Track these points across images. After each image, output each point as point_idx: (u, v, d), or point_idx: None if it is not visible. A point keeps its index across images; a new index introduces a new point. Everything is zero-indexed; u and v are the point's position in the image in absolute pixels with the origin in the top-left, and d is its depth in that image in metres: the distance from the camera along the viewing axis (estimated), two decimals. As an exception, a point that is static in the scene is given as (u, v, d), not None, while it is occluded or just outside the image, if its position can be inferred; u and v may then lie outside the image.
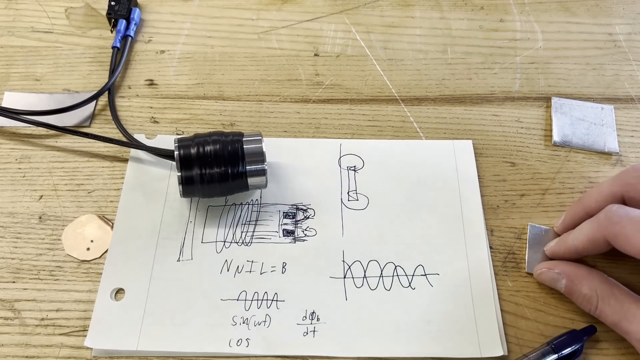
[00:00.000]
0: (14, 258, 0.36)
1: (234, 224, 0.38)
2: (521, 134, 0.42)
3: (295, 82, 0.45)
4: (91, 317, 0.34)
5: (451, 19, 0.49)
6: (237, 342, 0.33)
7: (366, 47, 0.47)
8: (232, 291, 0.35)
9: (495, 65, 0.46)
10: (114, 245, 0.36)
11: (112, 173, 0.40)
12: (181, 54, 0.47)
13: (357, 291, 0.35)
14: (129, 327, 0.33)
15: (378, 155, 0.41)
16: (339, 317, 0.34)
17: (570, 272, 0.33)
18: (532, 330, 0.34)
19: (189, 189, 0.35)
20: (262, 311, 0.34)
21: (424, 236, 0.37)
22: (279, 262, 0.36)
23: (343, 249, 0.37)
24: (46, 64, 0.46)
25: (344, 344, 0.33)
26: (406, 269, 0.36)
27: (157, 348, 0.33)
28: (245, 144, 0.35)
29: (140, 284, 0.35)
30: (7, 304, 0.34)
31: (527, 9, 0.50)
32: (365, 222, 0.38)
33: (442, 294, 0.35)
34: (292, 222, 0.38)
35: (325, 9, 0.50)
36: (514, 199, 0.39)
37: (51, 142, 0.41)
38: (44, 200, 0.38)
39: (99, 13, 0.49)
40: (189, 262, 0.36)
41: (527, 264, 0.36)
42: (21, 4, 0.49)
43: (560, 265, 0.34)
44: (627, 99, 0.44)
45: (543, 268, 0.35)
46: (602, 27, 0.49)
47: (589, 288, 0.32)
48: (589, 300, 0.32)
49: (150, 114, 0.43)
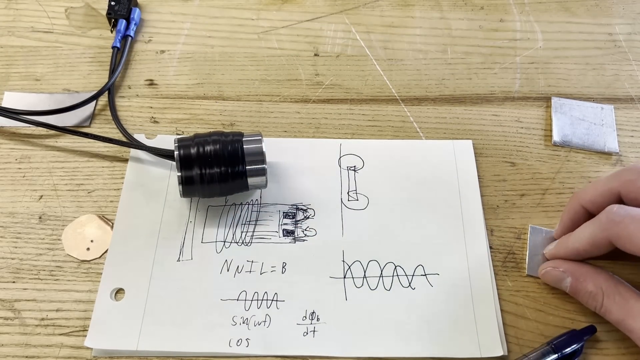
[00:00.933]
0: (14, 258, 0.36)
1: (234, 224, 0.38)
2: (521, 134, 0.42)
3: (295, 82, 0.45)
4: (91, 317, 0.34)
5: (451, 19, 0.49)
6: (237, 342, 0.33)
7: (366, 47, 0.47)
8: (232, 291, 0.35)
9: (495, 65, 0.46)
10: (114, 245, 0.36)
11: (112, 173, 0.40)
12: (181, 54, 0.47)
13: (357, 291, 0.35)
14: (129, 327, 0.33)
15: (378, 155, 0.41)
16: (339, 317, 0.34)
17: (575, 270, 0.33)
18: (532, 330, 0.34)
19: (189, 189, 0.35)
20: (262, 311, 0.34)
21: (424, 236, 0.37)
22: (279, 262, 0.36)
23: (343, 249, 0.37)
24: (46, 64, 0.46)
25: (344, 344, 0.33)
26: (406, 269, 0.36)
27: (157, 348, 0.33)
28: (245, 144, 0.35)
29: (140, 284, 0.35)
30: (7, 304, 0.34)
31: (527, 9, 0.50)
32: (365, 222, 0.38)
33: (442, 294, 0.35)
34: (292, 222, 0.38)
35: (325, 9, 0.50)
36: (514, 199, 0.39)
37: (51, 142, 0.41)
38: (44, 200, 0.38)
39: (99, 13, 0.49)
40: (189, 262, 0.36)
41: (528, 266, 0.36)
42: (21, 4, 0.49)
43: (565, 263, 0.34)
44: (627, 99, 0.44)
45: (547, 267, 0.35)
46: (602, 27, 0.49)
47: (594, 285, 0.32)
48: (594, 298, 0.32)
49: (150, 114, 0.43)
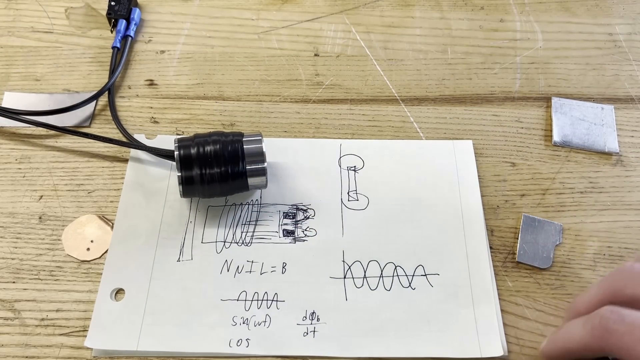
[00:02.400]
0: (14, 258, 0.36)
1: (234, 224, 0.38)
2: (521, 134, 0.42)
3: (295, 82, 0.45)
4: (91, 317, 0.34)
5: (451, 19, 0.49)
6: (237, 342, 0.33)
7: (366, 47, 0.47)
8: (232, 291, 0.35)
9: (495, 65, 0.46)
10: (114, 246, 0.36)
11: (112, 173, 0.40)
12: (181, 54, 0.46)
13: (357, 291, 0.35)
14: (129, 327, 0.33)
15: (378, 155, 0.41)
16: (339, 317, 0.34)
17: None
18: (532, 331, 0.34)
19: (189, 189, 0.35)
20: (262, 311, 0.34)
21: (424, 236, 0.37)
22: (279, 262, 0.36)
23: (343, 249, 0.37)
24: (46, 64, 0.46)
25: (344, 344, 0.33)
26: (406, 269, 0.36)
27: (157, 348, 0.33)
28: (245, 144, 0.35)
29: (140, 284, 0.35)
30: (7, 304, 0.34)
31: (527, 9, 0.50)
32: (365, 222, 0.38)
33: (442, 293, 0.35)
34: (292, 222, 0.38)
35: (325, 9, 0.50)
36: (514, 199, 0.39)
37: (51, 142, 0.41)
38: (44, 201, 0.38)
39: (99, 13, 0.49)
40: (189, 262, 0.36)
41: (518, 253, 0.36)
42: (21, 4, 0.49)
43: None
44: (627, 99, 0.44)
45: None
46: (602, 27, 0.49)
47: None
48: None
49: (150, 114, 0.43)
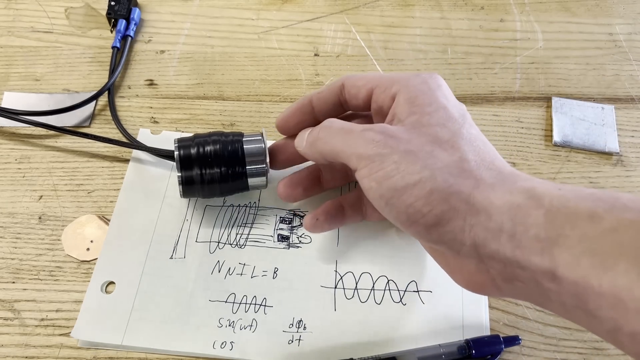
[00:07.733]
0: (13, 258, 0.36)
1: (230, 225, 0.37)
2: (521, 134, 0.42)
3: (295, 82, 0.45)
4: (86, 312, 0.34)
5: (451, 19, 0.49)
6: (221, 344, 0.33)
7: (366, 47, 0.47)
8: (221, 293, 0.35)
9: (496, 65, 0.46)
10: (109, 239, 0.36)
11: (112, 173, 0.40)
12: (181, 54, 0.46)
13: (347, 302, 0.35)
14: (117, 321, 0.33)
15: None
16: (326, 327, 0.34)
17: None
18: (532, 331, 0.34)
19: (189, 189, 0.35)
20: (249, 315, 0.34)
21: (419, 252, 0.36)
22: (271, 267, 0.36)
23: (337, 259, 0.36)
24: (46, 64, 0.46)
25: (329, 355, 0.33)
26: (399, 283, 0.35)
27: (142, 344, 0.33)
28: (245, 144, 0.35)
29: (131, 279, 0.35)
30: (7, 304, 0.34)
31: (527, 9, 0.50)
32: (361, 234, 0.37)
33: (433, 311, 0.34)
34: (288, 227, 0.38)
35: (325, 9, 0.50)
36: (514, 199, 0.39)
37: (51, 142, 0.41)
38: (43, 201, 0.38)
39: (99, 13, 0.49)
40: (181, 260, 0.36)
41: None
42: (21, 4, 0.49)
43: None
44: (628, 99, 0.44)
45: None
46: (603, 27, 0.49)
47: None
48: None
49: (150, 114, 0.43)
